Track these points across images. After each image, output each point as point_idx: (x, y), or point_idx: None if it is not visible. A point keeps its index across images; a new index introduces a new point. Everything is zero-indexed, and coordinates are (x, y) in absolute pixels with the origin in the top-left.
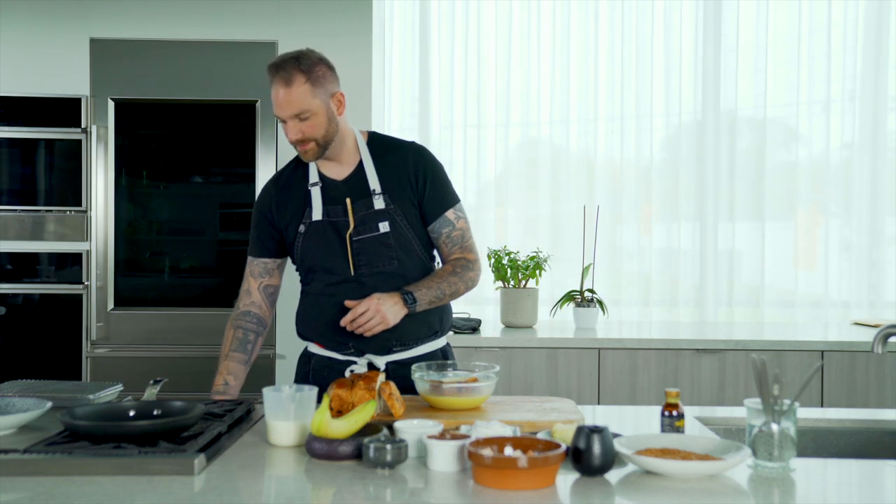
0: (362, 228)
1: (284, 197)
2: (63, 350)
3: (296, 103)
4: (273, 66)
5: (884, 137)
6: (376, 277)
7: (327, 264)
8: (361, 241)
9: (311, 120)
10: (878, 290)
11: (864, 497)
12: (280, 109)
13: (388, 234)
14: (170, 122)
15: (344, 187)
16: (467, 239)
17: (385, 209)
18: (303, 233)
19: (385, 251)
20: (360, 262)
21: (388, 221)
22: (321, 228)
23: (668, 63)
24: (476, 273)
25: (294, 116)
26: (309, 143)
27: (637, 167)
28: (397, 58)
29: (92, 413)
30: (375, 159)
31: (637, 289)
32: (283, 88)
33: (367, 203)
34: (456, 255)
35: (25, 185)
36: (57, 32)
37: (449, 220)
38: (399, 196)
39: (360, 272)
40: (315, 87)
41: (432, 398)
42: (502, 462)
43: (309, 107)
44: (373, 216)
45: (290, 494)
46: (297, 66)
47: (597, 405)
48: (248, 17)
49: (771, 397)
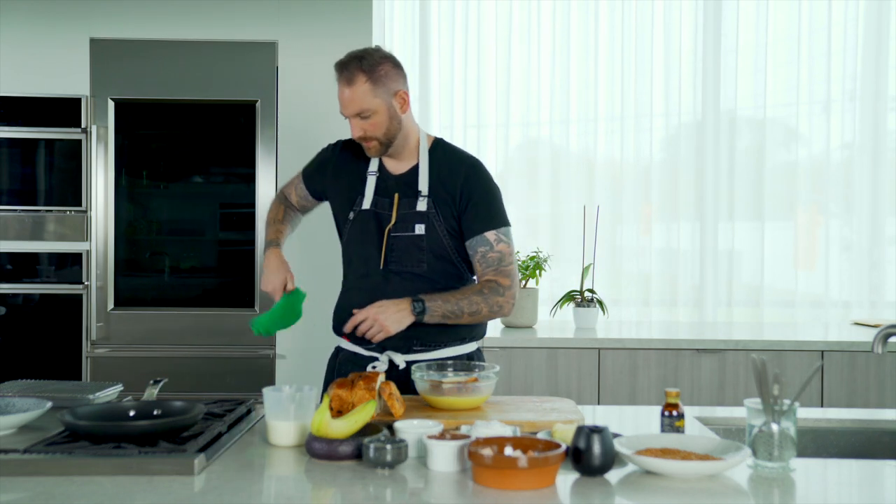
0: (401, 226)
1: (342, 169)
2: (63, 350)
3: (357, 102)
4: (338, 65)
5: (884, 137)
6: (403, 276)
7: (362, 254)
8: (397, 238)
9: (373, 119)
10: (878, 290)
11: (864, 497)
12: (343, 108)
13: (423, 237)
14: (170, 122)
15: (395, 182)
16: (506, 264)
17: (426, 212)
18: (351, 220)
19: (416, 252)
20: (391, 259)
21: (426, 225)
22: (367, 218)
23: (668, 63)
24: (505, 299)
25: (356, 115)
26: (371, 140)
27: (637, 167)
28: (397, 57)
29: (92, 413)
30: (432, 164)
31: (637, 289)
32: (346, 88)
33: (411, 202)
34: (489, 277)
35: (25, 185)
36: (57, 32)
37: (488, 240)
38: (443, 204)
39: (389, 268)
40: (376, 86)
41: (432, 398)
42: (502, 462)
43: (369, 106)
44: (412, 216)
45: (290, 494)
46: (360, 65)
47: (597, 405)
48: (248, 17)
49: (771, 397)
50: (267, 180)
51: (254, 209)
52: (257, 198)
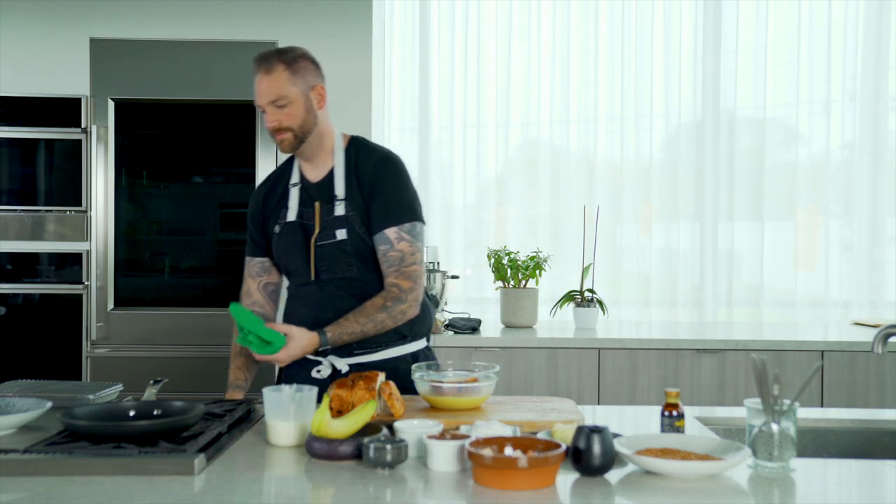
0: (325, 234)
1: (269, 196)
2: (63, 350)
3: (274, 89)
4: (257, 58)
5: (884, 137)
6: (336, 284)
7: (292, 266)
8: (323, 246)
9: (289, 108)
10: (878, 291)
11: (864, 497)
12: (259, 96)
13: (346, 242)
14: (170, 122)
15: (316, 190)
16: (408, 264)
17: (344, 216)
18: (277, 233)
19: (343, 258)
20: (322, 268)
21: (346, 229)
22: (292, 230)
23: (668, 63)
24: (408, 305)
25: (271, 103)
26: (286, 132)
27: (637, 167)
28: (397, 58)
29: (92, 413)
30: (348, 165)
31: (637, 289)
32: (264, 76)
33: (329, 209)
34: (392, 279)
35: (25, 185)
36: (57, 32)
37: (388, 237)
38: (356, 205)
39: (320, 277)
40: (294, 75)
41: (432, 398)
42: (502, 462)
43: (286, 93)
44: (333, 222)
45: (290, 494)
46: (279, 55)
47: (597, 405)
48: (248, 17)
49: (771, 397)
50: None
51: None
52: None
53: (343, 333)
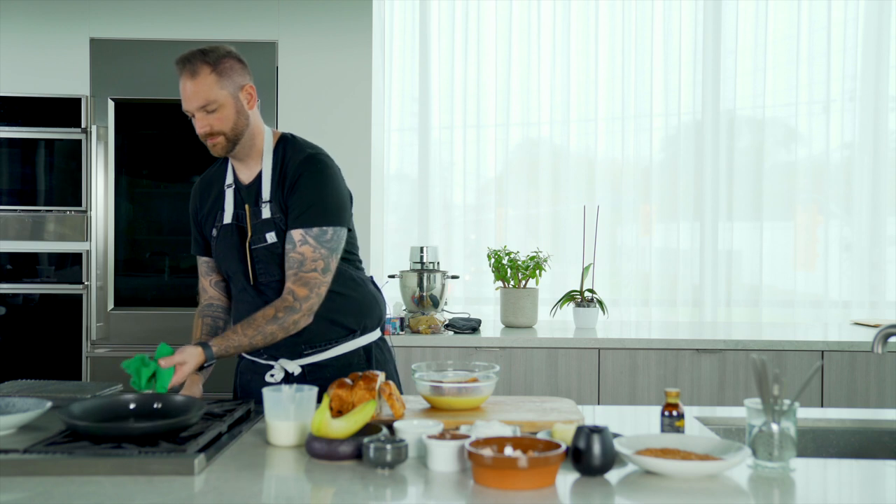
0: (256, 237)
1: (205, 196)
2: (63, 350)
3: (202, 94)
4: (180, 60)
5: (884, 137)
6: (274, 287)
7: (231, 270)
8: (257, 250)
9: (219, 112)
10: (878, 290)
11: (864, 497)
12: (187, 102)
13: (277, 245)
14: (170, 122)
15: (246, 192)
16: (306, 269)
17: (271, 218)
18: (215, 236)
19: (277, 261)
20: (259, 271)
21: (275, 231)
22: (229, 233)
23: (668, 63)
24: (301, 314)
25: (201, 108)
26: (217, 136)
27: (637, 167)
28: (397, 58)
29: (91, 410)
30: (275, 164)
31: (637, 289)
32: (189, 80)
33: (257, 212)
34: (289, 283)
35: (25, 185)
36: (57, 32)
37: (292, 238)
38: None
39: (259, 281)
40: (222, 77)
41: (432, 398)
42: (502, 462)
43: (215, 97)
44: (262, 225)
45: (290, 494)
46: (203, 57)
47: (597, 405)
48: (248, 17)
49: (771, 397)
50: None
51: None
52: None
53: (229, 347)
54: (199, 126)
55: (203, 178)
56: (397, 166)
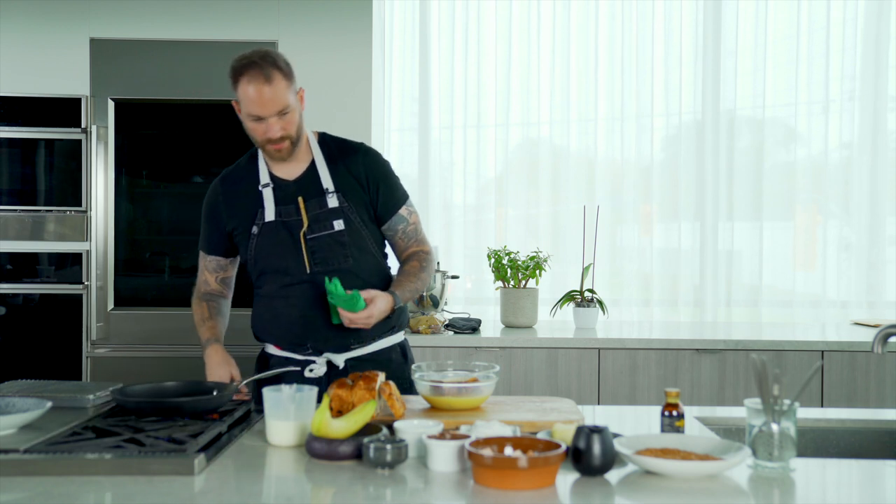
0: (316, 227)
1: (232, 198)
2: (63, 350)
3: (279, 99)
4: (248, 64)
5: (883, 137)
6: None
7: (281, 265)
8: (316, 239)
9: (290, 116)
10: (877, 290)
11: (864, 497)
12: (263, 107)
13: (343, 232)
14: (170, 122)
15: (295, 187)
16: (420, 232)
17: (339, 207)
18: (256, 234)
19: (340, 249)
20: (316, 261)
21: (343, 219)
22: (274, 229)
23: (668, 63)
24: (434, 265)
25: (277, 113)
26: (285, 140)
27: (637, 167)
28: (397, 58)
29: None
30: (327, 159)
31: (637, 289)
32: (264, 85)
33: (320, 202)
34: (413, 249)
35: (25, 185)
36: (57, 32)
37: (403, 216)
38: (352, 196)
39: (315, 270)
40: (289, 82)
41: (432, 398)
42: (502, 462)
43: (288, 102)
44: (326, 214)
45: (290, 494)
46: (274, 62)
47: (597, 405)
48: (248, 17)
49: (771, 397)
50: None
51: None
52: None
53: (406, 291)
54: (272, 131)
55: (225, 178)
56: (397, 166)
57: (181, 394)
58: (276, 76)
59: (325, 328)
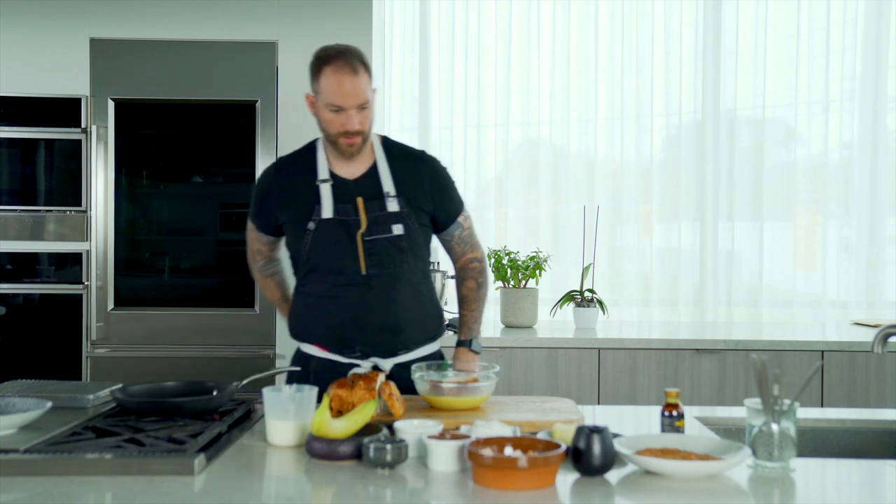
0: (375, 229)
1: (286, 189)
2: (63, 350)
3: (361, 92)
4: (335, 55)
5: (883, 137)
6: (383, 279)
7: (336, 264)
8: (373, 241)
9: (367, 112)
10: (877, 290)
11: (864, 497)
12: (346, 98)
13: (402, 237)
14: (170, 122)
15: (354, 187)
16: (474, 236)
17: (399, 212)
18: (312, 230)
19: (397, 253)
20: (372, 263)
21: (402, 224)
22: (331, 227)
23: (668, 63)
24: (488, 270)
25: (359, 106)
26: (359, 135)
27: (637, 167)
28: (397, 58)
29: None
30: (389, 163)
31: (637, 289)
32: (351, 76)
33: (380, 204)
34: (468, 255)
35: (25, 185)
36: (57, 32)
37: (459, 223)
38: (412, 202)
39: (370, 272)
40: (370, 78)
41: (432, 398)
42: (502, 462)
43: (368, 97)
44: (385, 218)
45: (290, 494)
46: (360, 57)
47: (597, 405)
48: (248, 17)
49: (771, 397)
50: None
51: None
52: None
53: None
54: (350, 123)
55: (282, 165)
56: None
57: (181, 394)
58: (360, 70)
59: (375, 332)
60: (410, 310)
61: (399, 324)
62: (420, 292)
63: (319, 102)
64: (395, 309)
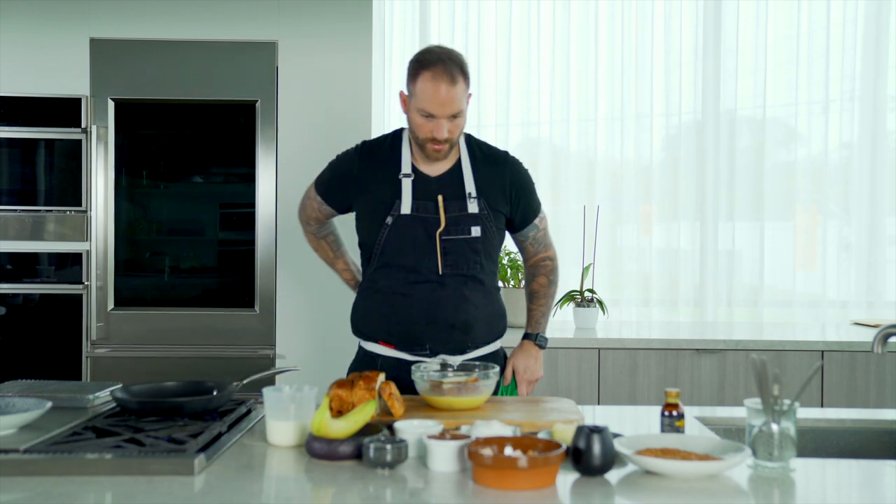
0: (453, 229)
1: (368, 177)
2: (63, 350)
3: (456, 103)
4: (436, 61)
5: (883, 137)
6: (457, 280)
7: (410, 261)
8: (451, 241)
9: (458, 121)
10: (877, 290)
11: (864, 497)
12: (441, 107)
13: (479, 239)
14: (170, 122)
15: (436, 184)
16: (548, 237)
17: (479, 214)
18: (390, 225)
19: (472, 255)
20: (447, 262)
21: (481, 227)
22: (409, 223)
23: (668, 63)
24: (558, 268)
25: (451, 115)
26: (447, 143)
27: (637, 167)
28: (397, 58)
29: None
30: (472, 163)
31: (637, 289)
32: (448, 86)
33: (460, 205)
34: (541, 255)
35: (25, 185)
36: (57, 32)
37: (536, 225)
38: (493, 203)
39: (445, 271)
40: (468, 87)
41: (432, 398)
42: (502, 462)
43: (462, 107)
44: (465, 218)
45: (290, 494)
46: (460, 66)
47: (597, 405)
48: (248, 17)
49: (771, 397)
50: (267, 180)
51: (254, 209)
52: (257, 198)
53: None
54: (439, 131)
55: (364, 152)
56: None
57: (181, 394)
58: (459, 79)
59: (447, 329)
60: (481, 308)
61: (470, 322)
62: (490, 292)
63: (412, 104)
64: (466, 307)
